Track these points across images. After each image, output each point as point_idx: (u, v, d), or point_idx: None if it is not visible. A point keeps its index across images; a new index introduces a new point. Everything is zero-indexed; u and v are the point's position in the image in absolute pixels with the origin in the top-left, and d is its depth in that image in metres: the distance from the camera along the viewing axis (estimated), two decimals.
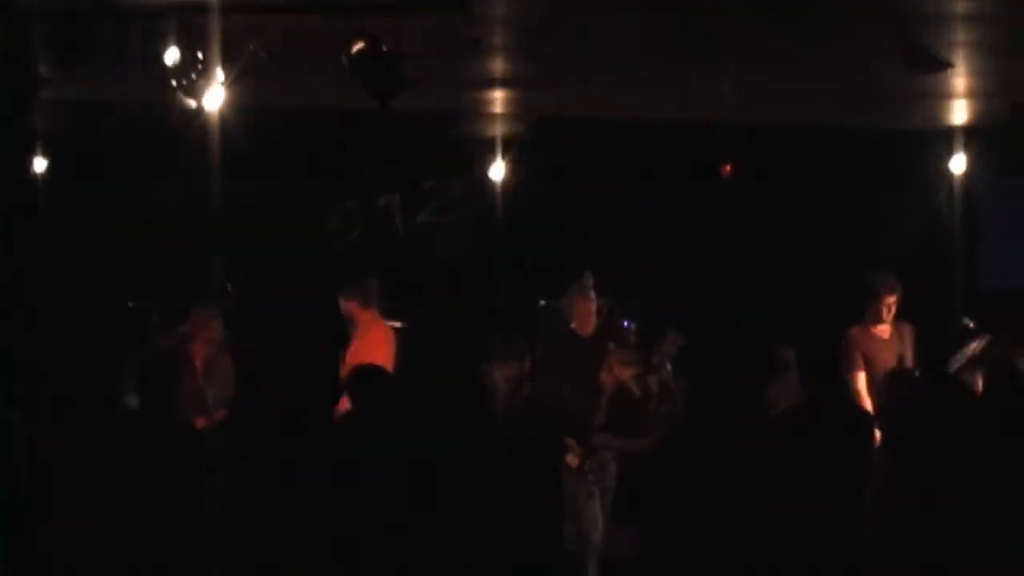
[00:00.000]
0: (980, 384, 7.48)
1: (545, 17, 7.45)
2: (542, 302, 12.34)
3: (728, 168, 12.47)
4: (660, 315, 12.32)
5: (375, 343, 9.50)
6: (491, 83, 9.31)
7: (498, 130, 11.56)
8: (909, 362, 8.92)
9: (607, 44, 8.23)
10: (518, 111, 10.81)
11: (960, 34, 7.94)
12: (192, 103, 7.28)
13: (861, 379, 8.68)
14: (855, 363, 8.74)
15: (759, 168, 12.64)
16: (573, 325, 9.67)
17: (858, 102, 10.04)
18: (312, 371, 11.52)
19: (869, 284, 8.99)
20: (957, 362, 9.00)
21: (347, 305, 9.60)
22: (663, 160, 12.52)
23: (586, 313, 9.64)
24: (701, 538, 5.47)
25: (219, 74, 7.11)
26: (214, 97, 7.21)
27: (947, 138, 11.62)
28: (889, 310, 8.95)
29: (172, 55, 6.92)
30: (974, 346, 9.06)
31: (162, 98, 7.53)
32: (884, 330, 8.95)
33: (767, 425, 6.15)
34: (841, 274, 12.11)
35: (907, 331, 9.06)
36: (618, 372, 8.42)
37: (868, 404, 8.27)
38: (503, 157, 11.86)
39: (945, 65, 7.83)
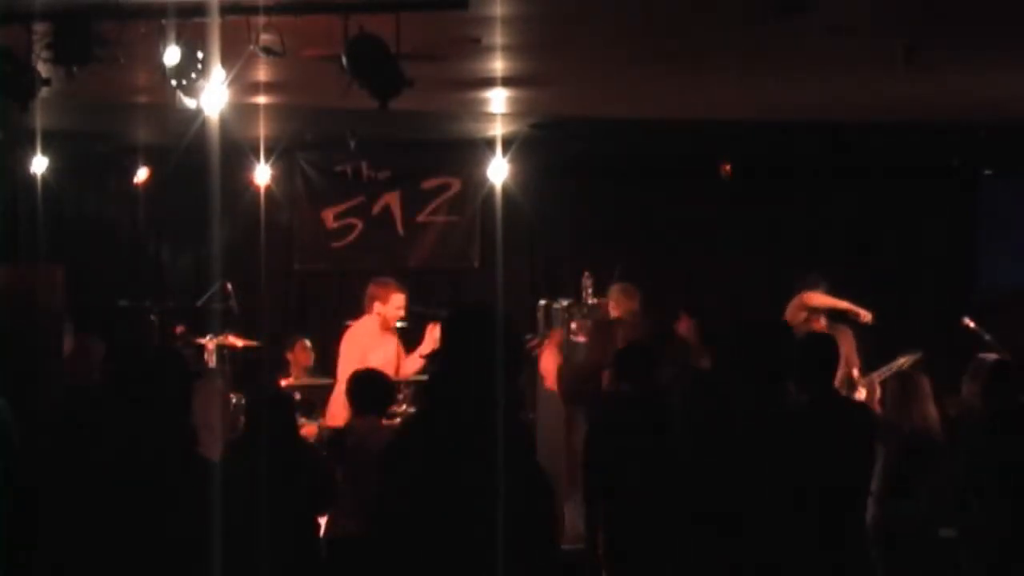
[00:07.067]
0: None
1: (545, 16, 7.45)
2: (542, 302, 12.33)
3: (727, 168, 12.48)
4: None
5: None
6: (491, 83, 9.31)
7: (498, 130, 11.55)
8: (853, 366, 8.88)
9: (608, 43, 8.23)
10: (518, 111, 10.80)
11: None
12: (192, 103, 7.27)
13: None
14: None
15: (758, 168, 12.65)
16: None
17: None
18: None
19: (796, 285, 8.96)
20: (882, 374, 8.87)
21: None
22: (663, 159, 12.52)
23: None
24: (698, 537, 5.46)
25: (219, 74, 7.09)
26: (214, 97, 7.20)
27: None
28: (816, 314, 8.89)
29: (172, 55, 6.89)
30: (901, 361, 8.95)
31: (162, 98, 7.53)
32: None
33: (766, 424, 6.13)
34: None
35: (847, 334, 8.97)
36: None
37: None
38: (503, 157, 11.85)
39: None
